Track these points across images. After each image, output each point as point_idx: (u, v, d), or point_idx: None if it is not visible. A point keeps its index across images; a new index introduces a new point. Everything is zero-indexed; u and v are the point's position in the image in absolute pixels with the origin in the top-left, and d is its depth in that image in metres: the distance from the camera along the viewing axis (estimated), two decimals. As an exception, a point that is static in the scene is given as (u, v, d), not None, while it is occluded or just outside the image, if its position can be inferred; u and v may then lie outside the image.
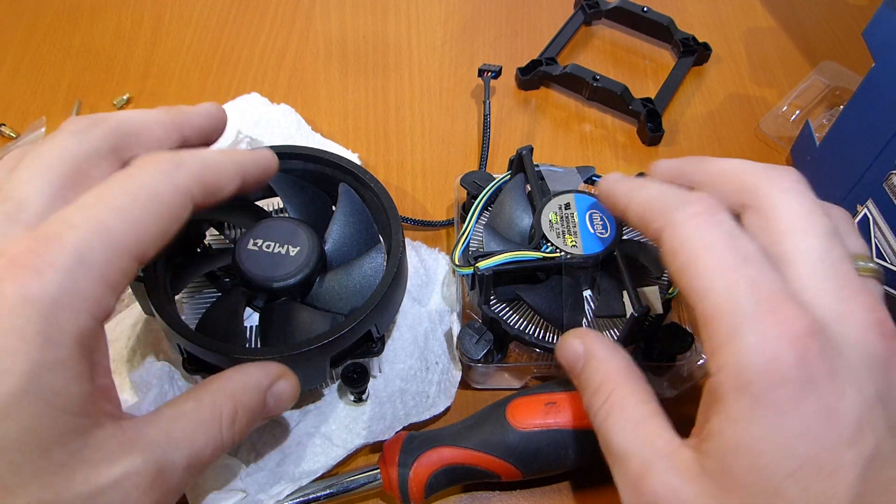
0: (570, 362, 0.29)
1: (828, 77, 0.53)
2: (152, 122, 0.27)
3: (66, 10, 0.57)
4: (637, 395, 0.26)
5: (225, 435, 0.25)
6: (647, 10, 0.56)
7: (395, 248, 0.34)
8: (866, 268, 0.25)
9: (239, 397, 0.26)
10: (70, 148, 0.24)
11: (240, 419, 0.26)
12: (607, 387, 0.26)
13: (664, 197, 0.26)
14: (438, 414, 0.36)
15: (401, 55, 0.55)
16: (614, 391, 0.26)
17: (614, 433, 0.25)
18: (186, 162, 0.24)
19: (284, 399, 0.28)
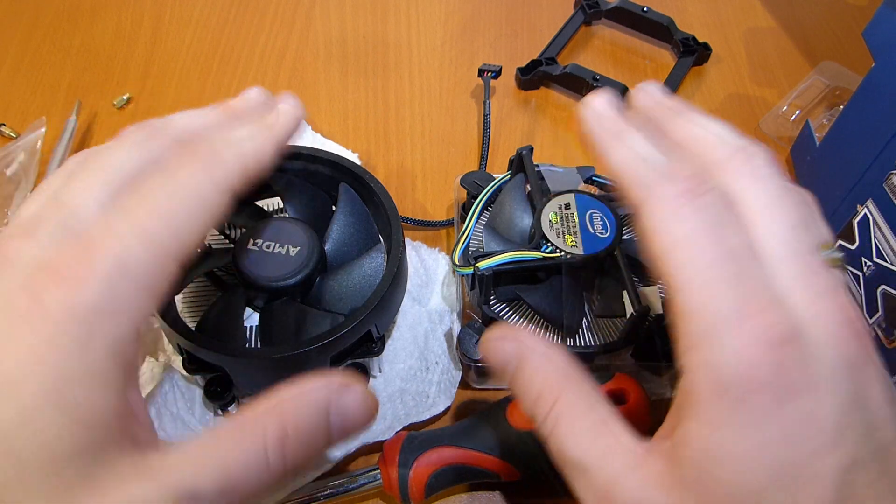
0: (500, 365, 0.25)
1: (828, 77, 0.53)
2: (212, 127, 0.26)
3: (66, 10, 0.57)
4: (586, 398, 0.24)
5: (272, 459, 0.21)
6: (647, 10, 0.56)
7: (395, 248, 0.34)
8: (832, 258, 0.23)
9: (289, 416, 0.22)
10: (130, 158, 0.23)
11: (292, 441, 0.22)
12: (551, 393, 0.24)
13: (646, 163, 0.23)
14: (438, 414, 0.36)
15: (401, 55, 0.55)
16: (560, 398, 0.24)
17: (569, 445, 0.23)
18: (224, 155, 0.24)
19: (352, 414, 0.23)
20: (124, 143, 0.24)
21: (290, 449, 0.22)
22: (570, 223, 0.35)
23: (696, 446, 0.21)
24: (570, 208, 0.36)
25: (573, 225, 0.35)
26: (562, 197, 0.37)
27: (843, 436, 0.20)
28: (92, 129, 0.49)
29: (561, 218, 0.36)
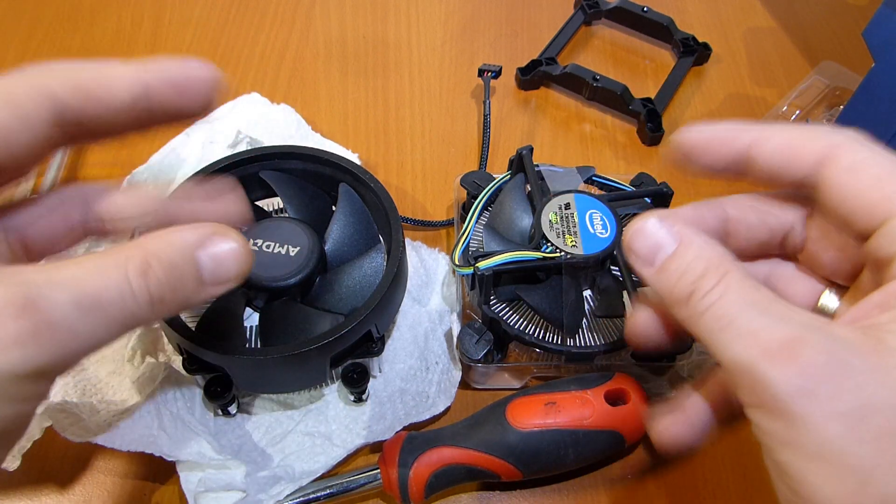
0: (650, 250, 0.24)
1: (828, 77, 0.53)
2: None
3: (66, 10, 0.57)
4: (752, 280, 0.22)
5: (136, 285, 0.21)
6: (647, 10, 0.56)
7: (395, 248, 0.34)
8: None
9: (153, 248, 0.22)
10: None
11: (156, 272, 0.22)
12: (719, 268, 0.22)
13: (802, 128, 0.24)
14: (438, 414, 0.36)
15: (401, 55, 0.55)
16: (729, 272, 0.22)
17: (740, 305, 0.21)
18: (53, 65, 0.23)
19: (226, 258, 0.23)
20: None
21: (154, 279, 0.22)
22: (570, 223, 0.35)
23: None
24: (570, 208, 0.36)
25: (573, 225, 0.35)
26: (562, 197, 0.37)
27: None
28: (92, 129, 0.49)
29: (561, 218, 0.36)
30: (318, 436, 0.35)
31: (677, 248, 0.23)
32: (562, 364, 0.35)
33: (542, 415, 0.32)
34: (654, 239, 0.24)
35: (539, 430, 0.32)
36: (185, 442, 0.33)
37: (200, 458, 0.33)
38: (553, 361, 0.35)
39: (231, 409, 0.34)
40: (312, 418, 0.35)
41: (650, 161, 0.49)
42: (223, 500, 0.32)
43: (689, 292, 0.22)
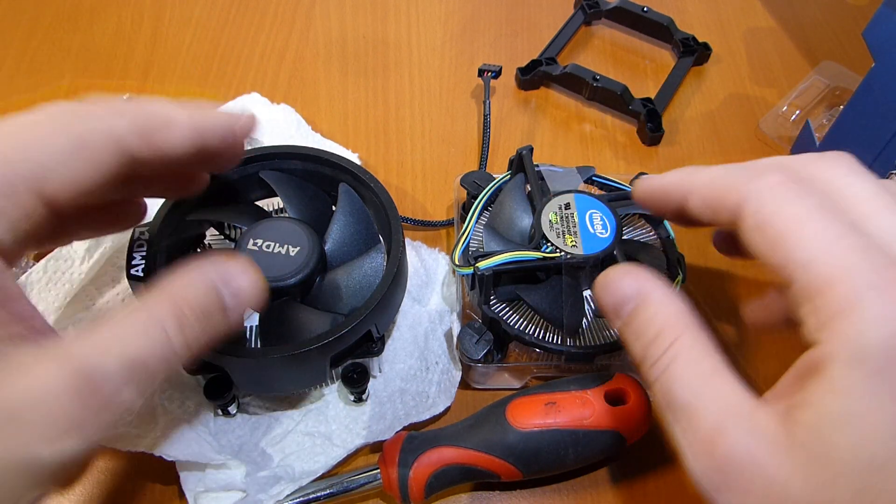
0: (616, 305, 0.25)
1: (828, 77, 0.53)
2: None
3: (66, 10, 0.57)
4: (703, 344, 0.23)
5: (174, 338, 0.22)
6: (647, 10, 0.56)
7: (395, 248, 0.34)
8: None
9: (182, 296, 0.23)
10: None
11: (189, 320, 0.22)
12: (669, 334, 0.23)
13: (732, 174, 0.24)
14: (438, 414, 0.36)
15: (401, 55, 0.55)
16: (679, 338, 0.23)
17: (679, 385, 0.22)
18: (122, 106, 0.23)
19: (244, 293, 0.24)
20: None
21: (189, 327, 0.22)
22: (570, 223, 0.35)
23: (819, 411, 0.20)
24: (570, 208, 0.36)
25: (573, 225, 0.35)
26: (562, 197, 0.37)
27: None
28: (92, 129, 0.49)
29: (561, 218, 0.36)
30: (318, 436, 0.35)
31: (636, 306, 0.24)
32: (562, 364, 0.35)
33: (542, 415, 0.32)
34: (620, 292, 0.25)
35: (539, 429, 0.32)
36: (185, 442, 0.33)
37: (200, 458, 0.33)
38: (553, 361, 0.35)
39: (231, 409, 0.34)
40: (312, 418, 0.35)
41: (650, 161, 0.49)
42: (223, 500, 0.32)
43: (642, 357, 0.24)
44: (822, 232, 0.21)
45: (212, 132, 0.26)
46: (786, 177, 0.22)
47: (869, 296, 0.20)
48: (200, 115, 0.26)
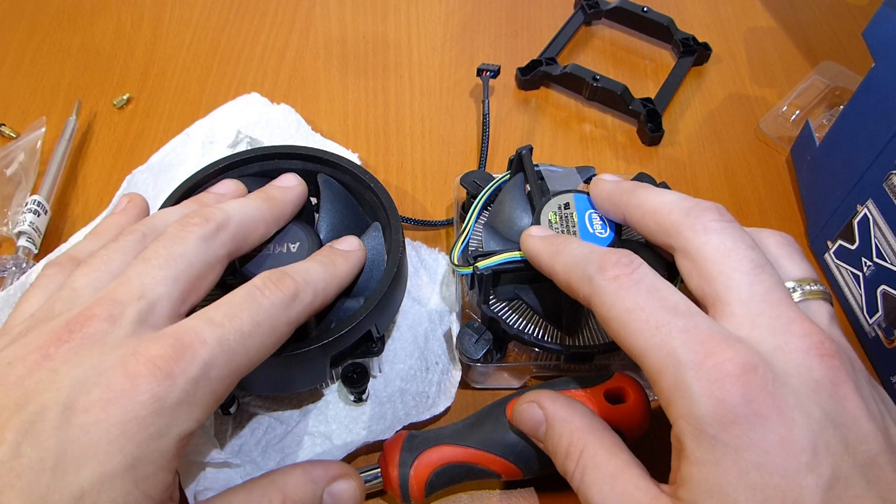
0: (532, 429, 0.29)
1: (828, 77, 0.53)
2: (260, 222, 0.30)
3: (66, 10, 0.57)
4: (607, 449, 0.26)
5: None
6: (647, 10, 0.57)
7: (395, 248, 0.34)
8: (811, 291, 0.25)
9: (291, 491, 0.27)
10: (198, 255, 0.26)
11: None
12: (576, 448, 0.26)
13: (583, 263, 0.27)
14: (438, 414, 0.36)
15: (401, 55, 0.55)
16: (584, 450, 0.26)
17: (593, 493, 0.25)
18: (301, 293, 0.27)
19: (343, 499, 0.28)
20: (189, 238, 0.26)
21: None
22: (570, 223, 0.35)
23: (689, 486, 0.22)
24: (569, 208, 0.36)
25: (572, 225, 0.35)
26: (561, 197, 0.37)
27: (819, 455, 0.21)
28: (92, 129, 0.50)
29: (560, 218, 0.36)
30: (318, 436, 0.35)
31: (546, 430, 0.28)
32: (561, 363, 0.35)
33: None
34: (531, 419, 0.29)
35: (539, 429, 0.32)
36: (184, 442, 0.33)
37: (200, 457, 0.33)
38: (552, 361, 0.35)
39: (231, 409, 0.34)
40: (312, 418, 0.35)
41: (650, 161, 0.49)
42: (223, 499, 0.32)
43: (563, 471, 0.27)
44: (649, 321, 0.23)
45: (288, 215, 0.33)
46: (624, 266, 0.25)
47: (689, 376, 0.22)
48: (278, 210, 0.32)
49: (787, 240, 0.27)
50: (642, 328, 0.24)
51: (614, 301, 0.25)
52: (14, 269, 0.39)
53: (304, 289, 0.27)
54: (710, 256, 0.25)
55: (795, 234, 0.46)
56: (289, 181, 0.34)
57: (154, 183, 0.44)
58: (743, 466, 0.21)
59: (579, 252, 0.27)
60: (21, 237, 0.41)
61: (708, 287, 0.25)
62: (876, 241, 0.37)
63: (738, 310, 0.24)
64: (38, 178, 0.45)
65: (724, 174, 0.49)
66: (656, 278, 0.25)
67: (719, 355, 0.22)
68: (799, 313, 0.23)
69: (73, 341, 0.23)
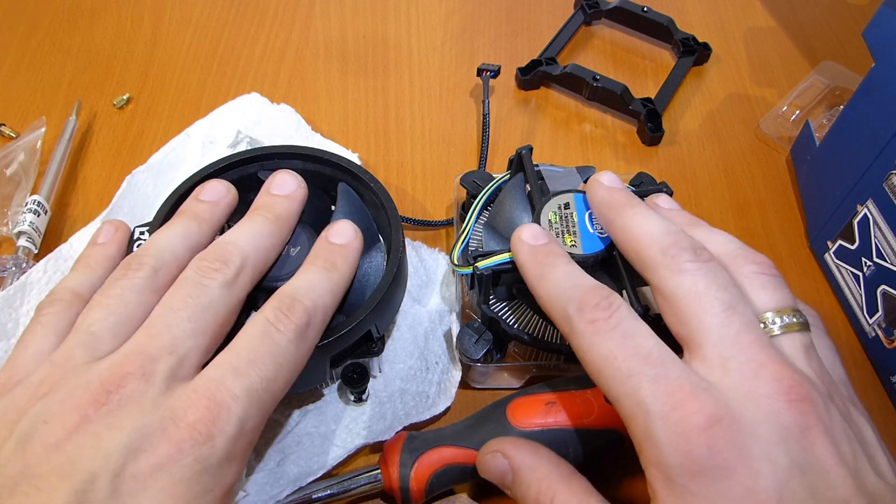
0: (498, 478, 0.29)
1: (828, 77, 0.53)
2: (273, 249, 0.30)
3: (66, 10, 0.57)
4: (577, 496, 0.26)
5: None
6: (647, 10, 0.56)
7: (395, 248, 0.34)
8: (788, 324, 0.25)
9: None
10: (223, 304, 0.27)
11: None
12: (546, 496, 0.26)
13: (564, 299, 0.27)
14: (438, 414, 0.36)
15: (401, 55, 0.55)
16: (555, 499, 0.26)
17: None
18: (313, 318, 0.27)
19: None
20: (212, 285, 0.26)
21: None
22: (570, 223, 0.35)
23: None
24: (569, 208, 0.36)
25: (572, 225, 0.35)
26: (561, 197, 0.36)
27: (785, 502, 0.21)
28: (92, 129, 0.50)
29: (560, 218, 0.35)
30: (317, 436, 0.35)
31: (512, 479, 0.28)
32: (561, 363, 0.35)
33: (542, 414, 0.32)
34: (496, 469, 0.29)
35: (539, 429, 0.32)
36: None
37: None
38: (552, 361, 0.35)
39: (231, 409, 0.34)
40: (312, 418, 0.35)
41: (650, 161, 0.49)
42: (223, 499, 0.32)
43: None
44: (621, 370, 0.24)
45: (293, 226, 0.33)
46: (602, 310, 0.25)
47: (657, 427, 0.22)
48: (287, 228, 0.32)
49: (764, 266, 0.27)
50: (615, 375, 0.24)
51: (590, 346, 0.25)
52: (14, 269, 0.39)
53: (315, 312, 0.27)
54: (682, 298, 0.25)
55: (795, 235, 0.46)
56: (288, 186, 0.33)
57: (154, 183, 0.44)
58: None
59: (562, 284, 0.27)
60: (21, 237, 0.41)
61: (682, 328, 0.25)
62: (876, 241, 0.37)
63: (709, 353, 0.24)
64: (38, 178, 0.45)
65: (724, 174, 0.49)
66: (633, 322, 0.25)
67: (686, 407, 0.22)
68: (770, 355, 0.23)
69: (111, 403, 0.23)
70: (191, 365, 0.25)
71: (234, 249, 0.28)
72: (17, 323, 0.37)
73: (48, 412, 0.23)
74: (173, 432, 0.23)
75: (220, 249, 0.28)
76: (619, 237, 0.29)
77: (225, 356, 0.25)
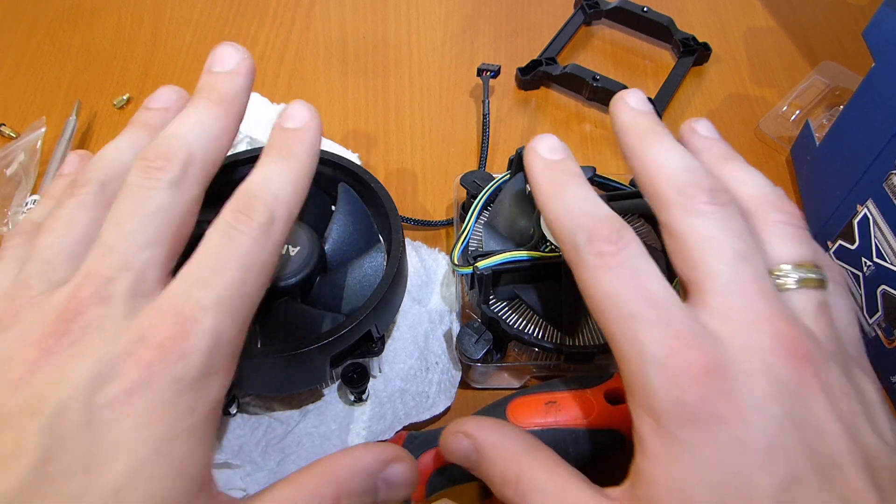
0: (464, 459, 0.28)
1: (828, 77, 0.53)
2: (223, 134, 0.26)
3: (66, 10, 0.57)
4: (545, 468, 0.25)
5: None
6: (647, 10, 0.56)
7: (395, 248, 0.34)
8: (805, 279, 0.24)
9: (343, 482, 0.25)
10: (173, 205, 0.24)
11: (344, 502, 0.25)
12: (512, 472, 0.25)
13: (575, 225, 0.25)
14: (438, 414, 0.36)
15: (401, 55, 0.55)
16: (521, 474, 0.25)
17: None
18: (276, 213, 0.24)
19: (397, 485, 0.26)
20: (157, 188, 0.24)
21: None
22: (570, 223, 0.35)
23: (646, 482, 0.22)
24: (569, 208, 0.36)
25: (573, 225, 0.35)
26: (562, 197, 0.37)
27: (775, 456, 0.21)
28: (92, 129, 0.50)
29: (561, 218, 0.36)
30: (317, 436, 0.35)
31: (477, 458, 0.27)
32: (561, 363, 0.35)
33: (542, 414, 0.32)
34: (460, 451, 0.27)
35: (539, 429, 0.32)
36: (185, 442, 0.33)
37: (200, 457, 0.33)
38: (552, 361, 0.35)
39: (231, 409, 0.34)
40: (312, 418, 0.35)
41: (650, 161, 0.49)
42: (223, 499, 0.32)
43: (502, 497, 0.26)
44: (624, 310, 0.23)
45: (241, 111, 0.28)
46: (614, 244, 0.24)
47: (652, 371, 0.22)
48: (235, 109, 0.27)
49: (791, 216, 0.26)
50: (616, 314, 0.23)
51: (594, 280, 0.24)
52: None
53: (277, 206, 0.25)
54: (692, 241, 0.24)
55: (795, 234, 0.46)
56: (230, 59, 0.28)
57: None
58: (700, 465, 0.21)
59: (574, 209, 0.26)
60: (21, 237, 0.41)
61: (689, 272, 0.24)
62: (876, 241, 0.37)
63: (714, 301, 0.23)
64: (38, 178, 0.45)
65: (724, 174, 0.49)
66: (642, 259, 0.24)
67: (683, 354, 0.22)
68: (775, 309, 0.23)
69: (72, 332, 0.21)
70: (152, 279, 0.23)
71: (177, 142, 0.25)
72: (17, 323, 0.37)
73: (7, 349, 0.22)
74: (142, 354, 0.21)
75: (162, 145, 0.24)
76: (638, 168, 0.27)
77: (187, 268, 0.23)
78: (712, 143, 0.29)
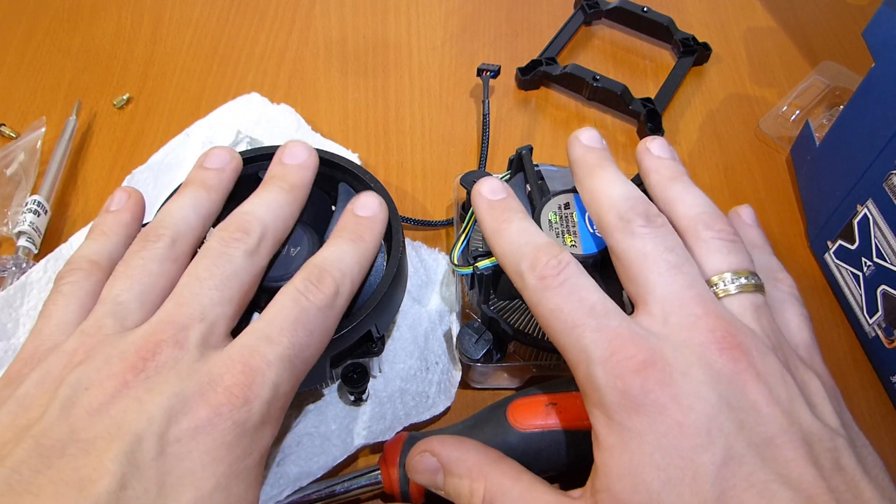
0: (430, 479, 0.29)
1: (828, 77, 0.53)
2: (290, 219, 0.31)
3: (66, 10, 0.57)
4: (509, 474, 0.27)
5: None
6: (647, 10, 0.57)
7: (395, 248, 0.34)
8: (744, 285, 0.27)
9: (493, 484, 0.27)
10: (247, 272, 0.28)
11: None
12: (478, 486, 0.27)
13: (518, 256, 0.28)
14: (438, 414, 0.36)
15: (401, 55, 0.55)
16: (486, 487, 0.27)
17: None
18: (341, 288, 0.28)
19: None
20: (235, 254, 0.28)
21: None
22: (570, 223, 0.35)
23: (602, 473, 0.24)
24: (569, 208, 0.36)
25: (572, 225, 0.35)
26: (561, 197, 0.37)
27: (713, 436, 0.22)
28: (92, 129, 0.49)
29: (560, 218, 0.36)
30: (317, 436, 0.35)
31: (444, 476, 0.29)
32: (561, 363, 0.35)
33: (542, 415, 0.32)
34: (426, 469, 0.29)
35: (540, 430, 0.32)
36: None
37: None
38: (552, 361, 0.35)
39: (231, 409, 0.34)
40: (312, 418, 0.35)
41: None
42: (223, 500, 0.32)
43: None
44: (567, 322, 0.26)
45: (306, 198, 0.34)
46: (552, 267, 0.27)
47: (597, 371, 0.24)
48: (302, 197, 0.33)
49: (722, 232, 0.28)
50: (562, 326, 0.26)
51: (539, 300, 0.27)
52: (14, 269, 0.39)
53: (343, 282, 0.28)
54: (632, 259, 0.27)
55: (795, 234, 0.46)
56: (300, 154, 0.34)
57: (154, 183, 0.44)
58: (647, 449, 0.23)
59: (516, 240, 0.29)
60: (21, 237, 0.41)
61: (631, 286, 0.27)
62: (876, 241, 0.37)
63: (653, 308, 0.26)
64: (38, 178, 0.45)
65: (724, 174, 0.49)
66: (580, 277, 0.26)
67: (623, 352, 0.24)
68: (709, 309, 0.25)
69: (149, 370, 0.24)
70: (220, 333, 0.26)
71: (254, 219, 0.29)
72: (17, 323, 0.37)
73: (87, 379, 0.23)
74: (211, 396, 0.23)
75: (241, 220, 0.29)
76: (586, 198, 0.30)
77: (257, 325, 0.26)
78: (661, 162, 0.31)
